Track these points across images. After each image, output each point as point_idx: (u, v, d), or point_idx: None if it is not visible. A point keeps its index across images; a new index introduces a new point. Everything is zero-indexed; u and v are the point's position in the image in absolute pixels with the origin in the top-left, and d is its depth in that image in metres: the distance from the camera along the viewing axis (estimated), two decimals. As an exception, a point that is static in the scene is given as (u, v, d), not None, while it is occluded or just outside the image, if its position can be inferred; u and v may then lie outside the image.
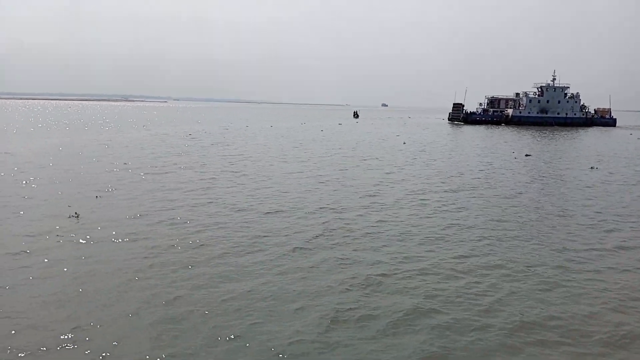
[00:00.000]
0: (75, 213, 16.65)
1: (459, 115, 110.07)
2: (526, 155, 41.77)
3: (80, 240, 14.24)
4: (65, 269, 12.08)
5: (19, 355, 8.38)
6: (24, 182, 23.30)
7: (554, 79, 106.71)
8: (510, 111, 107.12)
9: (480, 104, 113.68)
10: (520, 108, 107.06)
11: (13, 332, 9.10)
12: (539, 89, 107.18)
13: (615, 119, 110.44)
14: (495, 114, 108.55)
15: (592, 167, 34.24)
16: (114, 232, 15.05)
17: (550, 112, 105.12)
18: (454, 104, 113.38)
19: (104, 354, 8.44)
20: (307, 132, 70.53)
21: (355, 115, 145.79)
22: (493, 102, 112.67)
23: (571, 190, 24.75)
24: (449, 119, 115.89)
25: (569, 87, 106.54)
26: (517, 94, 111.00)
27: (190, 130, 66.03)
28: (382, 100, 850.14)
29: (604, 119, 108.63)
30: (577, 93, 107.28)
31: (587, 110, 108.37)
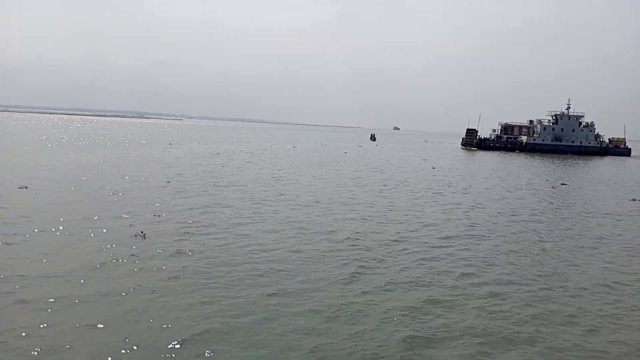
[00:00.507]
0: (142, 232, 17.24)
1: (472, 141, 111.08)
2: (562, 184, 42.18)
3: (152, 258, 14.84)
4: (143, 284, 12.70)
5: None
6: (78, 197, 23.94)
7: (568, 108, 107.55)
8: (524, 138, 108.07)
9: (494, 130, 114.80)
10: (534, 135, 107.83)
11: (99, 342, 9.65)
12: (554, 117, 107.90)
13: (630, 149, 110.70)
14: (509, 141, 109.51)
15: (633, 199, 33.99)
16: (183, 251, 15.65)
17: (565, 140, 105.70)
18: (467, 129, 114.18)
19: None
20: (331, 154, 71.38)
21: (373, 137, 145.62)
22: (507, 128, 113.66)
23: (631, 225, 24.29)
24: (462, 144, 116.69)
25: (583, 116, 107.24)
26: (531, 122, 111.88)
27: (218, 149, 66.94)
28: (393, 124, 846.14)
29: (618, 149, 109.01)
30: (592, 122, 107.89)
31: (601, 140, 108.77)
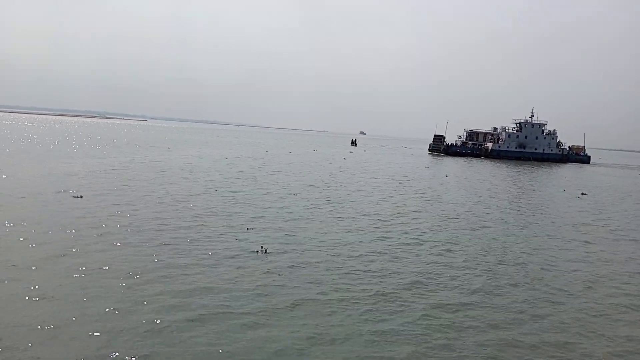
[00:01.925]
0: (262, 247, 16.61)
1: (440, 147, 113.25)
2: (582, 194, 41.92)
3: (287, 274, 14.19)
4: (283, 300, 12.22)
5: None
6: (142, 206, 22.64)
7: (532, 116, 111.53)
8: (490, 145, 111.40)
9: (460, 136, 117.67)
10: (499, 142, 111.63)
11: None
12: (518, 125, 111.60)
13: (590, 156, 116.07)
14: (474, 147, 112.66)
15: None
16: (310, 269, 14.96)
17: (528, 148, 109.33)
18: (435, 135, 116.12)
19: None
20: (332, 160, 69.29)
21: (354, 143, 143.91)
22: (472, 135, 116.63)
23: None
24: (429, 150, 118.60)
25: (546, 124, 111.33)
26: (495, 129, 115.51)
27: (225, 154, 64.60)
28: (359, 128, 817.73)
29: (578, 156, 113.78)
30: (554, 130, 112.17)
31: (562, 147, 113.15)
